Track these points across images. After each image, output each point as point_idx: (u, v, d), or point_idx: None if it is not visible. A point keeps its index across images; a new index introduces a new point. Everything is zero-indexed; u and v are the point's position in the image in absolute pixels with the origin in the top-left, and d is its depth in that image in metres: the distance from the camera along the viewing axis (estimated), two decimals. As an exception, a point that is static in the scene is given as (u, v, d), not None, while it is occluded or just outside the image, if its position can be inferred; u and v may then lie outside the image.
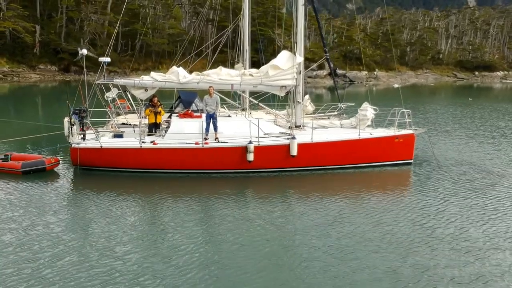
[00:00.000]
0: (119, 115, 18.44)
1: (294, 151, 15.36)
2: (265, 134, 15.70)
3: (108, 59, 17.22)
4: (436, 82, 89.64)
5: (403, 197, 13.32)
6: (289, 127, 17.05)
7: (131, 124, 17.29)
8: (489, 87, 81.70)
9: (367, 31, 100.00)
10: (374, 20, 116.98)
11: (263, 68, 17.35)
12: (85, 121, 15.36)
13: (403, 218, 11.44)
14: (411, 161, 16.95)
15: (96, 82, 16.18)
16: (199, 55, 22.06)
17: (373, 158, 16.54)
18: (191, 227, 10.66)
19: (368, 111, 17.21)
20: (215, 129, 15.54)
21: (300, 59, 17.07)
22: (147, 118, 15.97)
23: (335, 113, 19.97)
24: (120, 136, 15.96)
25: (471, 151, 19.74)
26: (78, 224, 10.77)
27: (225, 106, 19.58)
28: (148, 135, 15.60)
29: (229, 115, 17.71)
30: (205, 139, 15.26)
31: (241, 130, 15.54)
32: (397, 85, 69.64)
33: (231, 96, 19.46)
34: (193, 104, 18.84)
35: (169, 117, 17.19)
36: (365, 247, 9.62)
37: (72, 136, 15.10)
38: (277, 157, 15.51)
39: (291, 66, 16.75)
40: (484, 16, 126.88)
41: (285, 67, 16.78)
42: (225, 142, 15.29)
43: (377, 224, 10.99)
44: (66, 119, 15.60)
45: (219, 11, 47.96)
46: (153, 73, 17.35)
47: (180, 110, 18.40)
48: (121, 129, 16.65)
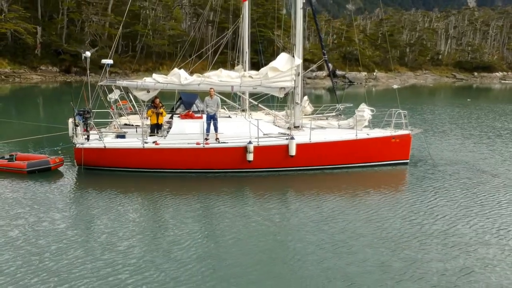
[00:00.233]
0: (121, 116, 18.74)
1: (292, 151, 15.70)
2: (264, 134, 16.03)
3: (111, 61, 17.58)
4: (435, 82, 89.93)
5: (396, 195, 13.71)
6: (288, 128, 17.38)
7: (133, 124, 17.62)
8: (488, 87, 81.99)
9: (367, 32, 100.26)
10: (374, 21, 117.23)
11: (263, 70, 17.70)
12: (88, 122, 15.74)
13: (395, 215, 11.84)
14: (407, 161, 17.30)
15: (99, 83, 16.54)
16: (200, 57, 22.41)
17: (370, 158, 16.88)
18: (190, 223, 11.06)
19: (365, 112, 17.58)
20: (216, 129, 15.86)
21: (298, 61, 17.44)
22: (149, 119, 16.35)
23: (333, 114, 20.29)
24: (122, 136, 16.29)
25: (466, 151, 20.13)
26: (82, 220, 11.17)
27: (225, 107, 19.92)
28: (150, 136, 15.95)
29: (229, 116, 18.01)
30: (206, 139, 15.60)
31: (241, 130, 15.88)
32: (396, 86, 70.04)
33: (231, 97, 19.77)
34: (194, 105, 19.20)
35: (171, 118, 17.51)
36: (357, 242, 10.04)
37: (76, 136, 15.46)
38: (276, 157, 15.87)
39: (290, 68, 17.11)
40: (483, 17, 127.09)
41: (284, 69, 17.14)
42: (225, 142, 15.63)
43: (370, 220, 11.39)
44: (70, 120, 15.95)
45: (219, 12, 48.29)
46: (155, 75, 17.68)
47: (181, 111, 18.75)
48: (124, 130, 16.97)
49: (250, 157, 15.41)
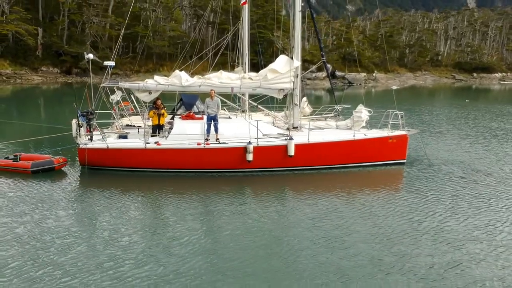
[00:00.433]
0: (123, 117, 19.04)
1: (291, 151, 16.03)
2: (263, 135, 16.34)
3: (113, 63, 17.88)
4: (434, 83, 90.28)
5: (391, 194, 14.06)
6: (287, 128, 17.70)
7: (135, 125, 17.95)
8: (487, 88, 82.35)
9: (366, 33, 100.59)
10: (373, 21, 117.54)
11: (262, 72, 18.03)
12: (92, 122, 16.08)
13: (389, 212, 12.20)
14: (404, 161, 17.64)
15: (102, 85, 16.86)
16: (201, 58, 22.72)
17: (368, 158, 17.21)
18: (190, 220, 11.42)
19: (362, 113, 17.90)
20: (216, 130, 16.16)
21: (297, 63, 17.77)
22: (151, 120, 16.68)
23: (332, 115, 20.62)
24: (125, 137, 16.61)
25: (462, 151, 20.47)
26: (85, 217, 11.54)
27: (225, 108, 20.24)
28: (152, 136, 16.27)
29: (229, 117, 18.32)
30: (207, 140, 15.92)
31: (241, 131, 16.19)
32: (395, 87, 70.39)
33: (231, 98, 20.06)
34: (195, 106, 19.52)
35: (172, 119, 17.83)
36: (351, 238, 10.43)
37: (79, 137, 15.79)
38: (275, 157, 16.20)
39: (289, 70, 17.44)
40: (483, 17, 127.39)
41: (283, 71, 17.46)
42: (225, 142, 15.94)
43: (364, 217, 11.76)
44: (74, 121, 16.28)
45: (220, 13, 48.57)
46: (156, 77, 18.00)
47: (182, 112, 19.06)
48: (126, 131, 17.29)
49: (249, 157, 15.74)
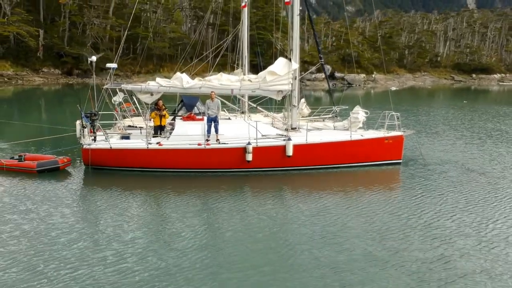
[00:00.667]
0: (125, 118, 19.45)
1: (289, 152, 16.44)
2: (262, 135, 16.74)
3: (115, 65, 18.33)
4: (433, 84, 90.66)
5: (386, 193, 14.51)
6: (286, 129, 18.12)
7: (137, 126, 18.36)
8: (486, 89, 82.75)
9: (366, 34, 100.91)
10: (373, 23, 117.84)
11: (261, 74, 18.44)
12: (95, 123, 16.50)
13: (383, 210, 12.65)
14: (400, 161, 18.04)
15: (104, 87, 17.28)
16: (201, 59, 23.13)
17: (364, 158, 17.61)
18: (191, 218, 11.87)
19: (359, 114, 18.32)
20: (216, 131, 16.56)
21: (295, 65, 18.18)
22: (153, 120, 17.10)
23: (330, 116, 21.00)
24: (127, 137, 17.00)
25: (456, 151, 20.91)
26: (90, 215, 11.98)
27: (225, 109, 20.64)
28: (153, 137, 16.68)
29: (229, 118, 18.70)
30: (207, 140, 16.33)
31: (240, 132, 16.58)
32: (394, 88, 70.82)
33: (231, 100, 20.46)
34: (195, 107, 19.92)
35: (173, 120, 18.22)
36: (346, 234, 10.88)
37: (83, 137, 16.21)
38: (274, 157, 16.60)
39: (287, 72, 17.85)
40: (482, 19, 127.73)
41: (282, 73, 17.86)
42: (225, 143, 16.34)
43: (360, 215, 12.22)
44: (78, 122, 16.70)
45: (220, 15, 48.94)
46: (158, 79, 18.41)
47: (183, 113, 19.47)
48: (128, 131, 17.71)
49: (249, 157, 16.14)
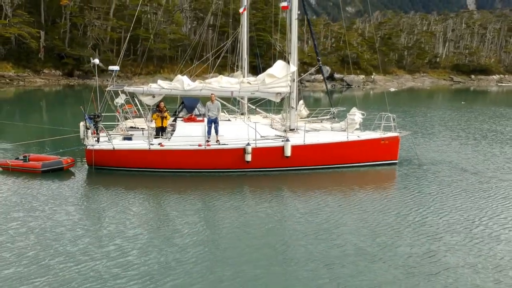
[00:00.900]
0: (127, 119, 19.85)
1: (288, 152, 16.85)
2: (261, 136, 17.15)
3: (117, 68, 18.74)
4: (432, 85, 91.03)
5: (382, 192, 14.95)
6: (284, 130, 18.52)
7: (138, 127, 18.77)
8: (484, 90, 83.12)
9: (365, 35, 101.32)
10: (373, 23, 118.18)
11: (260, 76, 18.85)
12: (98, 125, 16.92)
13: (378, 208, 13.10)
14: (396, 161, 18.45)
15: (107, 89, 17.71)
16: (202, 61, 23.50)
17: (361, 158, 18.02)
18: (191, 215, 12.33)
19: (356, 115, 18.71)
20: (216, 132, 16.97)
21: (293, 68, 18.59)
22: (154, 122, 17.51)
23: (327, 117, 21.39)
24: (129, 138, 17.40)
25: (451, 151, 21.34)
26: (93, 212, 12.44)
27: (225, 111, 21.02)
28: (155, 138, 17.08)
29: (229, 119, 19.10)
30: (207, 141, 16.74)
31: (240, 133, 16.98)
32: (393, 89, 71.22)
33: (231, 102, 20.86)
34: (196, 109, 20.32)
35: (174, 121, 18.60)
36: (338, 230, 11.37)
37: (87, 138, 16.63)
38: (272, 158, 17.00)
39: (286, 74, 18.26)
40: (481, 20, 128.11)
41: (280, 76, 18.28)
42: (225, 144, 16.73)
43: (353, 213, 12.70)
44: (81, 123, 17.11)
45: (220, 16, 49.32)
46: (160, 81, 18.83)
47: (183, 114, 19.86)
48: (130, 132, 18.11)
49: (248, 158, 16.55)
